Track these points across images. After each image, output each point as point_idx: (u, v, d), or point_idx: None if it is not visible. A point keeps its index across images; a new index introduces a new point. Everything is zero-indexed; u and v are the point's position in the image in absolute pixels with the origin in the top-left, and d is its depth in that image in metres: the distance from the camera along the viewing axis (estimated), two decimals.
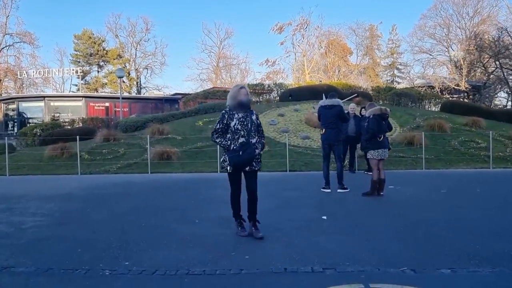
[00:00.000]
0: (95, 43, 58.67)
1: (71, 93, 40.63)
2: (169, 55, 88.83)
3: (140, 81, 59.84)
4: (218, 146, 13.57)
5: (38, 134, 17.25)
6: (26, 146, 16.58)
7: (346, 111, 11.37)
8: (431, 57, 54.11)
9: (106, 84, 57.97)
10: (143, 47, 58.97)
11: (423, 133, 13.31)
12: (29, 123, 27.67)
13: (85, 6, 68.12)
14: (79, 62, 57.79)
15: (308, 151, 13.82)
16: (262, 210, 4.95)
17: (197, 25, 78.92)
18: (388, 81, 54.00)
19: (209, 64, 57.24)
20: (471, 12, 47.01)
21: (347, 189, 8.01)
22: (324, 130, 8.19)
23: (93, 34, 58.79)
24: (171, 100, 33.64)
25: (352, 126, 11.34)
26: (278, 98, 23.05)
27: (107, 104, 31.92)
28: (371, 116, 7.57)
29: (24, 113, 30.20)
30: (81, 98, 31.12)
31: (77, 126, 18.22)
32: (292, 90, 21.52)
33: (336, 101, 8.33)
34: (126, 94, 40.56)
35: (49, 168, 12.80)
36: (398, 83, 51.71)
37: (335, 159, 8.36)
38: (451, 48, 50.27)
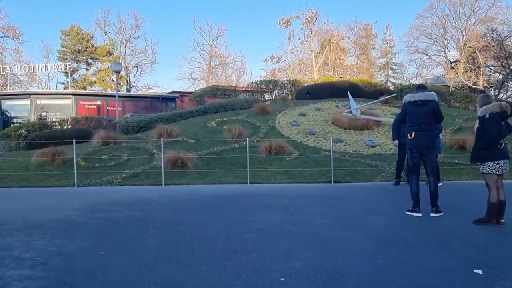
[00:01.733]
0: (83, 40, 56.21)
1: (59, 90, 37.99)
2: (160, 53, 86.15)
3: (130, 79, 57.60)
4: (240, 151, 11.72)
5: (24, 135, 14.91)
6: (9, 150, 14.20)
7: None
8: (427, 57, 53.52)
9: (95, 82, 55.55)
10: (133, 44, 56.82)
11: None
12: (13, 122, 25.13)
13: (72, 1, 65.26)
14: (66, 59, 55.22)
15: (346, 157, 11.76)
16: (358, 250, 3.91)
17: (189, 22, 76.45)
18: (382, 81, 53.20)
19: (201, 63, 55.49)
20: (467, 12, 46.78)
21: (441, 212, 6.01)
22: (413, 134, 6.13)
23: (81, 30, 56.40)
24: (168, 99, 31.43)
25: None
26: (291, 96, 21.00)
27: (98, 103, 29.55)
28: (487, 116, 5.54)
29: (7, 112, 27.62)
30: (70, 96, 28.70)
31: (69, 126, 15.86)
32: (310, 88, 19.52)
33: (431, 94, 6.27)
34: (120, 92, 38.12)
35: (38, 178, 10.50)
36: (394, 84, 50.94)
37: (426, 172, 6.32)
38: (447, 48, 49.64)
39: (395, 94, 17.86)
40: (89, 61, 58.46)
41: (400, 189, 8.93)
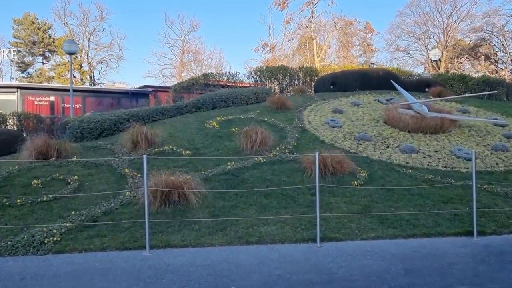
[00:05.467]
0: (39, 30, 49.74)
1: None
2: (127, 48, 79.64)
3: (93, 76, 51.60)
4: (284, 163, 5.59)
5: None
6: None
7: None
8: (408, 55, 51.73)
9: (53, 77, 49.15)
10: (97, 38, 50.86)
11: None
12: None
13: None
14: (19, 51, 48.62)
15: (449, 179, 7.23)
16: None
17: (159, 15, 70.20)
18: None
19: (172, 59, 50.67)
20: (449, 10, 46.05)
21: None
22: None
23: (37, 19, 49.96)
24: (140, 94, 26.13)
25: None
26: (307, 87, 16.31)
27: (52, 99, 23.90)
28: None
29: None
30: (14, 90, 22.89)
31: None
32: (335, 77, 14.92)
33: None
34: (79, 86, 32.37)
35: None
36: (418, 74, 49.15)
37: None
38: (427, 47, 48.14)
39: (496, 92, 13.52)
40: (46, 54, 52.01)
41: None
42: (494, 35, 38.69)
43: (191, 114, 11.12)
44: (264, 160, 7.74)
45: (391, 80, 12.68)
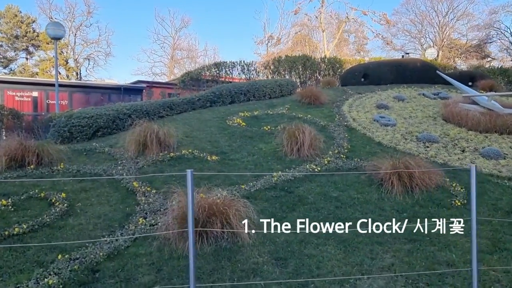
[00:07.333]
0: (22, 23, 47.07)
1: None
2: (115, 45, 76.64)
3: (80, 73, 49.07)
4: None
5: None
6: None
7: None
8: (406, 55, 51.01)
9: (37, 73, 46.55)
10: (84, 33, 48.37)
11: None
12: None
13: None
14: (1, 46, 45.99)
15: None
16: None
17: (149, 11, 67.61)
18: None
19: (163, 57, 48.57)
20: (445, 8, 45.35)
21: None
22: None
23: (20, 12, 47.31)
24: (132, 90, 23.97)
25: None
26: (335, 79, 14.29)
27: (35, 94, 21.59)
28: None
29: None
30: None
31: None
32: (367, 68, 12.95)
33: None
34: (65, 81, 29.91)
35: None
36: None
37: None
38: (423, 46, 47.53)
39: None
40: (30, 49, 49.30)
41: None
42: (501, 32, 37.59)
43: (206, 109, 9.08)
44: (318, 167, 5.77)
45: (437, 71, 10.86)
